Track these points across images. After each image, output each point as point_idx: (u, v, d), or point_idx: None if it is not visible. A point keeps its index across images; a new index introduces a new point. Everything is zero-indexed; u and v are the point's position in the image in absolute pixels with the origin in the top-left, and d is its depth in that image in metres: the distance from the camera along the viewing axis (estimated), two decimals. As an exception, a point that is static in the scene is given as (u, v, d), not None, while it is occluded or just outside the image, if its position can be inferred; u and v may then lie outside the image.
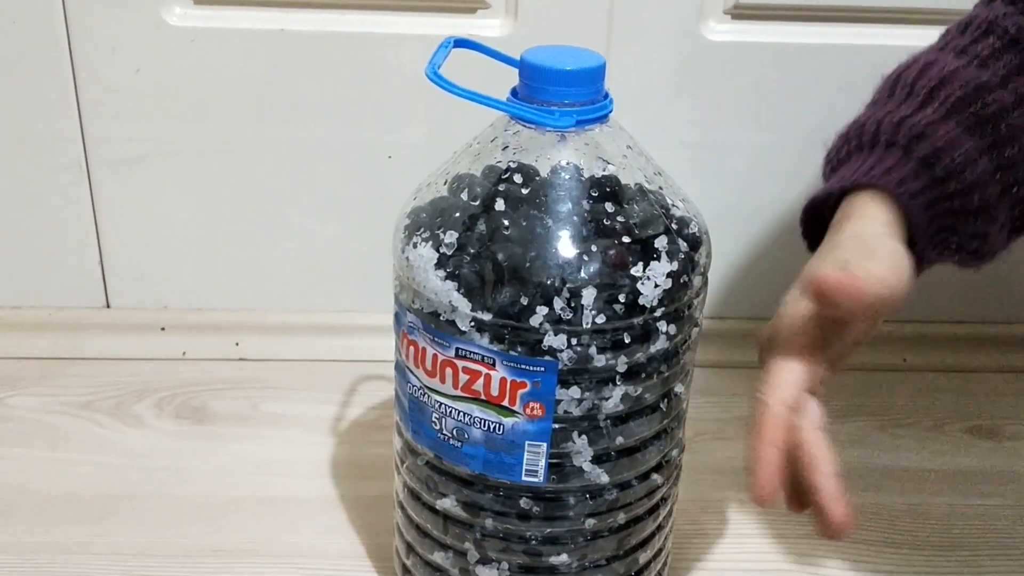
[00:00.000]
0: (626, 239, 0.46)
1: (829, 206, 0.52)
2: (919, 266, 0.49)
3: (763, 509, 0.45)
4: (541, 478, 0.48)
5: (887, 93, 0.53)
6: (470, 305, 0.45)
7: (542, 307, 0.45)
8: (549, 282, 0.45)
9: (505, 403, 0.47)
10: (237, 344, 0.81)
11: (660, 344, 0.47)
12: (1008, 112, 0.50)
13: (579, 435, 0.48)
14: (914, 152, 0.49)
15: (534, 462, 0.48)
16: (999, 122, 0.50)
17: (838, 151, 0.54)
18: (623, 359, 0.46)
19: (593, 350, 0.46)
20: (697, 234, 0.49)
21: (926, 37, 0.73)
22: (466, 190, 0.48)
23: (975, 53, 0.51)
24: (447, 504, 0.51)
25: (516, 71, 0.47)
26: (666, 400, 0.50)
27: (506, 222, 0.46)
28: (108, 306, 0.82)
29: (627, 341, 0.46)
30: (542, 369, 0.46)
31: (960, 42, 0.53)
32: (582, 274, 0.45)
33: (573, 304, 0.45)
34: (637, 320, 0.46)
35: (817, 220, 0.53)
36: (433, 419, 0.49)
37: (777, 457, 0.45)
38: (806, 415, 0.46)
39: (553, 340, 0.45)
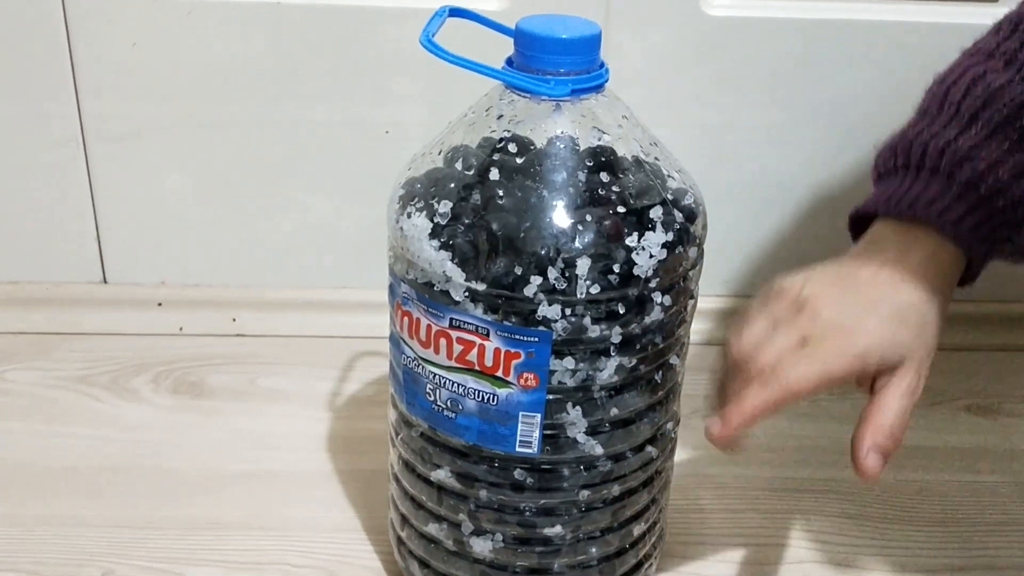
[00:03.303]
0: (621, 209, 0.46)
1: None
2: (978, 271, 0.53)
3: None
4: (535, 449, 0.48)
5: (936, 108, 0.53)
6: (464, 275, 0.45)
7: (536, 277, 0.44)
8: (543, 252, 0.44)
9: (499, 374, 0.46)
10: (234, 320, 0.81)
11: (655, 315, 0.47)
12: None
13: (573, 406, 0.47)
14: (956, 177, 0.51)
15: (528, 433, 0.48)
16: None
17: (886, 161, 0.55)
18: (617, 330, 0.46)
19: (587, 320, 0.45)
20: (693, 205, 0.49)
21: (929, 12, 0.73)
22: (461, 160, 0.48)
23: (1023, 61, 0.51)
24: (441, 476, 0.51)
25: (512, 43, 0.47)
26: (661, 372, 0.50)
27: (500, 192, 0.46)
28: (105, 281, 0.81)
29: (621, 312, 0.46)
30: (536, 339, 0.45)
31: (1010, 45, 0.52)
32: (576, 244, 0.45)
33: (567, 274, 0.44)
34: (631, 290, 0.46)
35: (863, 220, 0.54)
36: (427, 390, 0.49)
37: None
38: None
39: (547, 310, 0.45)
